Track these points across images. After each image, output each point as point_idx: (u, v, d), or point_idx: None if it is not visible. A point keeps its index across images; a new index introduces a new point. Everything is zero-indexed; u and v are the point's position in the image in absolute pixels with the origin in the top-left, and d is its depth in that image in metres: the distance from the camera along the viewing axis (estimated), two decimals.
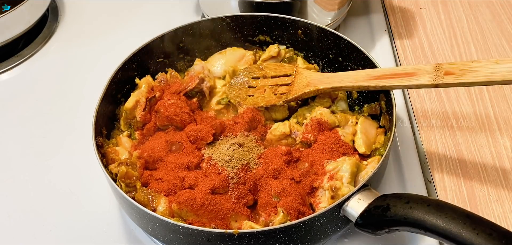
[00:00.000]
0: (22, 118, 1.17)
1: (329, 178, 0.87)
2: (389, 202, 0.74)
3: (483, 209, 0.93)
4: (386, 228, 0.74)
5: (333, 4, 1.25)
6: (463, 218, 0.66)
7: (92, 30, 1.41)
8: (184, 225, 0.76)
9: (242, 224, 0.83)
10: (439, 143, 1.05)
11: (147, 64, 1.08)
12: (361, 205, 0.77)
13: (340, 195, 0.83)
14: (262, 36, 1.15)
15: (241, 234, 0.75)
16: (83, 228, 0.95)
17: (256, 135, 0.97)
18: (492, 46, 1.26)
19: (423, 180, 0.99)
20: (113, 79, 0.99)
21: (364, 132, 0.95)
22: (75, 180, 1.03)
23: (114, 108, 1.03)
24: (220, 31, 1.14)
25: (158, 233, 0.81)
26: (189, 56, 1.14)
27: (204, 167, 0.90)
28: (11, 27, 1.28)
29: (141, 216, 0.80)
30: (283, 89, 1.02)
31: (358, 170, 0.88)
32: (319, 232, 0.80)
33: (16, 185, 1.03)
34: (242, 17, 1.13)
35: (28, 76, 1.28)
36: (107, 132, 0.99)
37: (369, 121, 0.98)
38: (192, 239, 0.77)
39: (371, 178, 0.81)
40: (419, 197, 0.72)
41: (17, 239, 0.94)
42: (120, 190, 0.81)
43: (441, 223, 0.66)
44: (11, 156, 1.09)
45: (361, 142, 0.93)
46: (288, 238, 0.77)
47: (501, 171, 0.99)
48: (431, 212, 0.68)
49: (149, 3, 1.48)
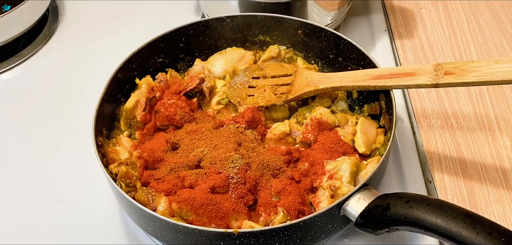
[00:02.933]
0: (22, 118, 1.17)
1: (329, 178, 0.87)
2: (389, 201, 0.74)
3: (483, 209, 0.93)
4: (386, 228, 0.74)
5: (333, 4, 1.25)
6: (463, 217, 0.66)
7: (92, 30, 1.41)
8: (184, 224, 0.76)
9: (242, 223, 0.83)
10: (439, 143, 1.05)
11: (147, 64, 1.08)
12: (361, 204, 0.77)
13: (340, 194, 0.83)
14: (262, 36, 1.15)
15: (241, 233, 0.75)
16: (83, 228, 0.95)
17: (256, 134, 0.97)
18: (492, 46, 1.26)
19: (423, 180, 0.99)
20: (113, 79, 0.99)
21: (364, 132, 0.95)
22: (75, 180, 1.02)
23: (114, 108, 1.03)
24: (220, 31, 1.14)
25: (158, 232, 0.81)
26: (189, 56, 1.14)
27: (204, 166, 0.90)
28: (11, 27, 1.28)
29: (141, 216, 0.80)
30: (283, 89, 1.02)
31: (357, 169, 0.88)
32: (319, 231, 0.80)
33: (16, 185, 1.03)
34: (242, 17, 1.13)
35: (28, 76, 1.28)
36: (107, 132, 0.99)
37: (369, 121, 0.98)
38: (192, 239, 0.77)
39: (371, 178, 0.81)
40: (419, 196, 0.72)
41: (17, 239, 0.94)
42: (120, 190, 0.81)
43: (441, 223, 0.66)
44: (11, 156, 1.09)
45: (361, 142, 0.93)
46: (288, 238, 0.77)
47: (501, 171, 0.99)
48: (431, 211, 0.68)
49: (149, 3, 1.48)
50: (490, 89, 1.15)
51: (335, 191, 0.84)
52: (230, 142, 0.92)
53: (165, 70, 1.10)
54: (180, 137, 0.96)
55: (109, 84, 0.97)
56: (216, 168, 0.87)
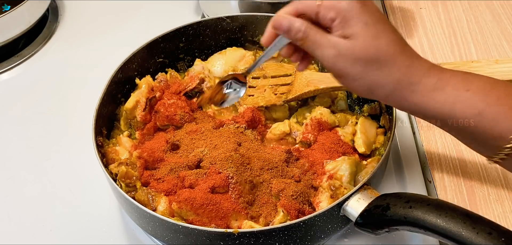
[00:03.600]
0: (22, 118, 1.17)
1: (329, 178, 0.87)
2: (389, 201, 0.73)
3: (483, 209, 0.93)
4: (386, 228, 0.74)
5: None
6: (463, 217, 0.66)
7: (92, 30, 1.41)
8: (184, 224, 0.76)
9: (242, 223, 0.83)
10: (439, 143, 1.05)
11: (147, 64, 1.08)
12: (361, 204, 0.76)
13: (340, 194, 0.83)
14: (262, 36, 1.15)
15: (241, 233, 0.75)
16: (83, 228, 0.95)
17: (256, 134, 0.97)
18: (492, 46, 1.26)
19: (423, 180, 0.99)
20: (114, 79, 0.99)
21: (364, 132, 0.95)
22: (75, 180, 1.02)
23: (114, 108, 1.03)
24: (220, 31, 1.14)
25: (158, 232, 0.81)
26: (189, 56, 1.15)
27: (204, 166, 0.90)
28: (11, 27, 1.28)
29: (141, 216, 0.80)
30: (283, 89, 1.02)
31: (357, 169, 0.88)
32: (319, 231, 0.80)
33: (16, 185, 1.03)
34: (242, 17, 1.13)
35: (28, 76, 1.28)
36: (107, 132, 0.99)
37: (369, 121, 0.98)
38: (192, 239, 0.77)
39: (371, 178, 0.81)
40: (419, 196, 0.72)
41: (17, 239, 0.94)
42: (120, 190, 0.81)
43: (441, 222, 0.66)
44: (11, 155, 1.09)
45: (361, 141, 0.93)
46: (288, 238, 0.77)
47: (501, 171, 0.99)
48: (431, 211, 0.68)
49: (149, 3, 1.48)
50: None
51: (335, 191, 0.84)
52: (230, 142, 0.92)
53: (165, 70, 1.10)
54: (180, 137, 0.96)
55: (109, 84, 0.97)
56: (216, 168, 0.87)
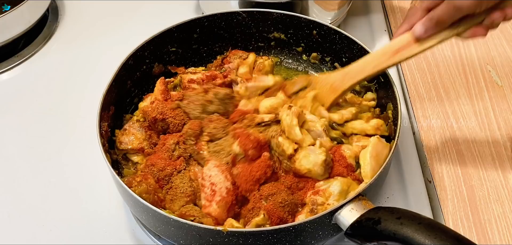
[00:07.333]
0: (22, 118, 1.17)
1: (313, 193, 0.85)
2: (381, 215, 0.73)
3: (483, 209, 0.93)
4: (375, 241, 0.73)
5: (333, 4, 1.26)
6: (452, 241, 0.65)
7: (92, 30, 1.41)
8: (175, 218, 0.76)
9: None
10: (439, 143, 1.05)
11: (159, 53, 1.10)
12: (353, 215, 0.75)
13: (320, 210, 0.81)
14: (276, 33, 1.16)
15: (230, 232, 0.75)
16: (83, 228, 0.95)
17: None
18: (492, 46, 1.26)
19: (423, 180, 0.99)
20: (114, 79, 0.98)
21: (375, 156, 0.87)
22: (75, 180, 1.02)
23: (115, 108, 1.02)
24: (234, 26, 1.16)
25: (151, 223, 0.83)
26: (205, 47, 1.17)
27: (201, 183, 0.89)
28: (11, 27, 1.28)
29: (136, 205, 0.81)
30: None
31: (349, 188, 0.86)
32: (309, 237, 0.79)
33: (16, 185, 1.03)
34: (258, 13, 1.14)
35: (28, 76, 1.28)
36: (112, 129, 0.99)
37: (383, 144, 0.90)
38: (183, 232, 0.78)
39: (367, 189, 0.80)
40: (411, 214, 0.71)
41: (17, 239, 0.94)
42: (120, 181, 0.81)
43: (429, 244, 0.66)
44: (11, 155, 1.09)
45: (368, 169, 0.86)
46: (277, 241, 0.76)
47: (501, 171, 0.99)
48: (421, 231, 0.67)
49: (149, 3, 1.48)
50: (490, 89, 1.15)
51: (316, 207, 0.83)
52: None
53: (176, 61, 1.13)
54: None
55: (110, 84, 0.96)
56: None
